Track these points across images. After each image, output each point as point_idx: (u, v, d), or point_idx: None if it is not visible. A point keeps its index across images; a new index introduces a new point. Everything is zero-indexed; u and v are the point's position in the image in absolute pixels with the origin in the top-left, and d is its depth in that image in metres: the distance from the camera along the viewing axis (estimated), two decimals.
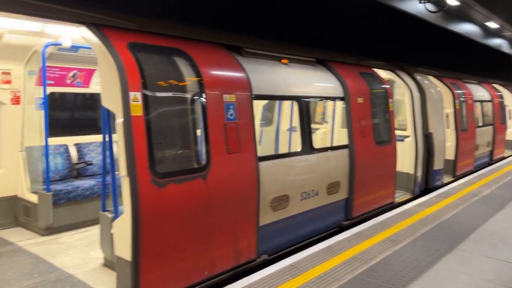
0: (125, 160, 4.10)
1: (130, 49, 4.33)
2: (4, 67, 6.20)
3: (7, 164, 6.49)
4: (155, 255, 4.33)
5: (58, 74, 6.96)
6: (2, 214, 6.54)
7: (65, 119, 7.86)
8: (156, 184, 4.27)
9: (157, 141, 4.38)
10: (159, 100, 4.51)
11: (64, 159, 7.06)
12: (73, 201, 6.50)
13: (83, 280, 4.87)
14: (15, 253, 5.60)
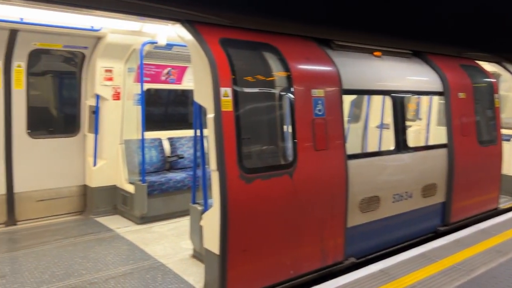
0: (215, 155, 4.14)
1: (222, 44, 4.36)
2: (107, 65, 6.67)
3: (108, 156, 6.98)
4: (242, 250, 4.33)
5: (154, 71, 7.33)
6: (104, 202, 7.06)
7: (160, 114, 8.28)
8: (244, 179, 4.26)
9: (246, 137, 4.37)
10: (248, 95, 4.49)
11: (158, 152, 7.43)
12: (165, 192, 6.81)
13: (173, 269, 5.05)
14: (113, 239, 6.00)
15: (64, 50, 6.55)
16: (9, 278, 4.70)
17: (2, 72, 6.06)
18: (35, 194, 6.65)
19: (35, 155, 6.56)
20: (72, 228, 6.41)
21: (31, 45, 6.14)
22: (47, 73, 6.89)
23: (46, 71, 6.86)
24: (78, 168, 7.06)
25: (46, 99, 7.01)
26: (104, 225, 6.56)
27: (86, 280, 4.70)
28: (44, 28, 5.88)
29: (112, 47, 6.51)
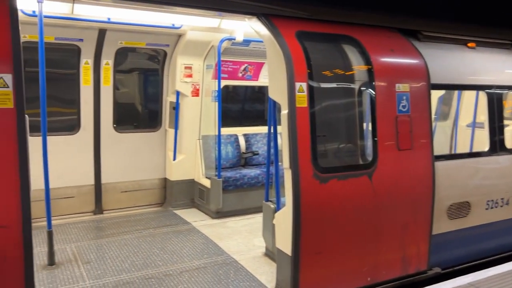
0: (288, 152, 4.00)
1: (298, 38, 4.19)
2: (187, 62, 6.82)
3: (187, 151, 7.16)
4: (315, 252, 4.15)
5: (231, 68, 7.37)
6: (182, 195, 7.27)
7: (236, 111, 8.33)
8: (318, 178, 4.07)
9: (321, 134, 4.16)
10: (325, 90, 4.28)
11: (234, 148, 7.47)
12: (240, 188, 6.82)
13: (245, 267, 5.01)
14: (190, 232, 6.13)
15: (147, 48, 6.82)
16: (93, 264, 4.99)
17: (92, 69, 6.46)
18: (120, 185, 7.03)
19: (120, 149, 6.92)
20: (152, 219, 6.67)
21: (117, 44, 6.47)
22: (132, 70, 7.24)
23: (131, 69, 7.21)
24: (159, 161, 7.33)
25: (131, 95, 7.37)
26: (182, 218, 6.74)
27: (162, 271, 4.83)
28: (129, 27, 6.16)
29: (191, 44, 6.64)
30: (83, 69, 6.42)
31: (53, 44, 6.07)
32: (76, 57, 6.34)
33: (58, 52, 6.35)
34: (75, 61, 6.38)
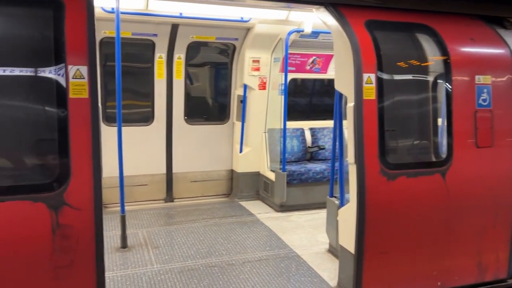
0: (354, 147, 3.86)
1: (367, 27, 4.00)
2: (255, 56, 6.86)
3: (253, 144, 7.23)
4: (380, 252, 3.97)
5: (299, 61, 7.28)
6: (248, 187, 7.36)
7: (303, 104, 8.23)
8: (385, 175, 3.88)
9: (390, 128, 3.96)
10: (396, 82, 4.07)
11: (299, 142, 7.40)
12: (304, 182, 6.74)
13: (307, 262, 4.95)
14: (254, 224, 6.19)
15: (217, 42, 6.95)
16: (161, 249, 5.22)
17: (165, 63, 6.73)
18: (189, 175, 7.28)
19: (190, 140, 7.16)
20: (218, 209, 6.83)
21: (189, 38, 6.67)
22: (202, 64, 7.43)
23: (201, 63, 7.40)
24: (227, 153, 7.48)
25: (201, 89, 7.58)
26: (247, 209, 6.83)
27: (225, 260, 4.93)
28: (200, 21, 6.32)
29: (259, 37, 6.66)
30: (157, 63, 6.71)
31: (130, 39, 6.41)
32: (151, 51, 6.64)
33: (134, 47, 6.70)
34: (150, 55, 6.69)
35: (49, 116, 3.00)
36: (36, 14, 3.08)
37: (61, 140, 2.95)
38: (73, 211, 2.98)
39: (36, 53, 3.03)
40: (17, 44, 3.01)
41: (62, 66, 2.96)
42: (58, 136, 2.95)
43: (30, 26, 3.08)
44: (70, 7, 3.06)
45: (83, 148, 3.00)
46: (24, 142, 3.01)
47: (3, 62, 2.89)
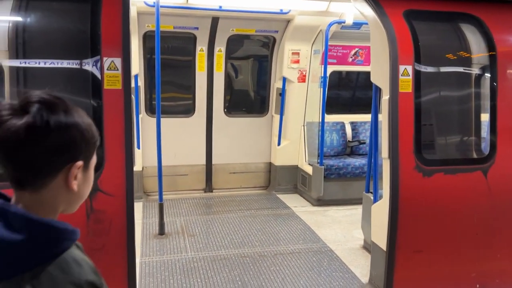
0: (388, 141, 3.74)
1: (406, 17, 3.85)
2: (294, 48, 6.80)
3: (291, 137, 7.20)
4: (414, 250, 3.85)
5: (341, 53, 7.14)
6: (285, 180, 7.35)
7: (345, 97, 8.07)
8: (421, 171, 3.74)
9: (427, 123, 3.81)
10: (434, 75, 3.89)
11: (339, 136, 7.27)
12: (343, 177, 6.63)
13: (340, 257, 4.89)
14: (289, 217, 6.18)
15: (257, 34, 6.96)
16: (197, 237, 5.35)
17: (206, 56, 6.84)
18: (228, 167, 7.39)
19: (229, 132, 7.25)
20: (255, 201, 6.88)
21: (229, 31, 6.73)
22: (242, 57, 7.49)
23: (241, 55, 7.46)
24: (265, 146, 7.51)
25: (240, 81, 7.64)
26: (283, 202, 6.83)
27: (257, 251, 4.97)
28: (240, 14, 6.35)
29: (299, 29, 6.60)
30: (198, 56, 6.83)
31: (172, 32, 6.57)
32: (193, 44, 6.77)
33: (177, 40, 6.87)
34: (191, 48, 6.82)
35: (85, 106, 3.15)
36: (75, 8, 3.23)
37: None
38: (106, 197, 3.12)
39: (74, 45, 3.19)
40: (57, 38, 3.18)
41: (98, 58, 3.09)
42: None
43: (70, 20, 3.24)
44: (107, 1, 3.19)
45: (116, 137, 3.13)
46: None
47: (43, 54, 3.07)
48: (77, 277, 1.06)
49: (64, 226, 1.09)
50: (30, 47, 3.12)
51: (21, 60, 3.06)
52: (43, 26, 3.22)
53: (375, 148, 4.43)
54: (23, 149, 1.03)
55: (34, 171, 1.07)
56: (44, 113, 1.04)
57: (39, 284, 1.00)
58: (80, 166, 1.13)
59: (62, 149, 1.08)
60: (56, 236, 1.06)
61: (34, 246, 1.02)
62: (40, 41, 3.15)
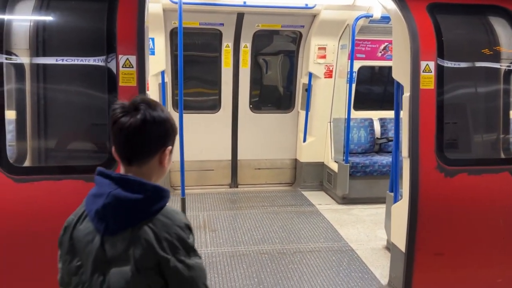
0: (408, 140, 3.62)
1: (430, 11, 3.70)
2: (321, 43, 6.69)
3: (317, 133, 7.10)
4: (435, 253, 3.71)
5: (369, 48, 6.96)
6: (311, 177, 7.28)
7: (374, 93, 7.87)
8: (443, 171, 3.59)
9: (450, 121, 3.65)
10: (459, 71, 3.72)
11: (367, 133, 7.11)
12: (369, 175, 6.48)
13: (361, 257, 4.79)
14: (312, 214, 6.12)
15: (283, 30, 6.90)
16: (218, 233, 5.40)
17: (232, 52, 6.85)
18: (254, 163, 7.39)
19: (255, 128, 7.24)
20: (279, 197, 6.86)
21: (254, 27, 6.70)
22: (268, 52, 7.44)
23: (267, 51, 7.41)
24: (291, 142, 7.45)
25: (266, 77, 7.60)
26: (308, 199, 6.76)
27: (277, 249, 4.96)
28: (265, 9, 6.32)
29: (325, 24, 6.48)
30: (224, 52, 6.85)
31: (198, 29, 6.63)
32: (218, 41, 6.80)
33: (203, 37, 6.92)
34: (217, 44, 6.85)
35: (102, 102, 3.23)
36: (93, 7, 3.31)
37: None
38: None
39: (91, 43, 3.27)
40: (75, 36, 3.28)
41: (113, 55, 3.16)
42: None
43: (87, 19, 3.33)
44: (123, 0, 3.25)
45: None
46: (80, 126, 3.29)
47: (61, 52, 3.17)
48: (179, 221, 1.47)
49: (165, 188, 1.50)
50: (49, 46, 3.22)
51: (40, 58, 3.17)
52: (62, 25, 3.33)
53: (396, 146, 4.29)
54: (138, 137, 1.45)
55: (142, 152, 1.49)
56: (149, 111, 1.46)
57: (155, 227, 1.42)
58: (170, 150, 1.55)
59: (161, 137, 1.51)
60: (162, 195, 1.48)
61: (149, 202, 1.44)
62: (58, 40, 3.25)
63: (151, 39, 6.20)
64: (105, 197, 1.43)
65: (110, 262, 1.43)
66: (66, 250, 1.52)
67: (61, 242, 1.55)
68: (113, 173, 1.48)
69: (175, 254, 1.42)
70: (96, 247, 1.44)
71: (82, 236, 1.48)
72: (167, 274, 1.42)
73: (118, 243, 1.42)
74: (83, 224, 1.50)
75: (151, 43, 6.21)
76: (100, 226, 1.44)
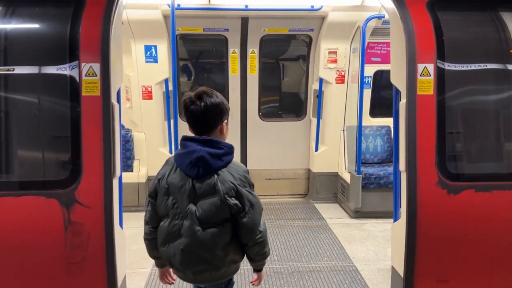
0: (405, 151, 3.22)
1: (429, 8, 3.30)
2: (331, 46, 6.32)
3: (330, 142, 6.72)
4: (438, 280, 3.29)
5: (385, 51, 6.51)
6: (324, 188, 6.89)
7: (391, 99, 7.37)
8: (445, 187, 3.17)
9: (453, 130, 3.22)
10: (462, 74, 3.28)
11: (384, 142, 6.64)
12: (384, 187, 6.01)
13: (365, 278, 4.38)
14: (320, 229, 5.73)
15: (291, 34, 6.58)
16: None
17: (239, 58, 6.61)
18: (264, 173, 7.08)
19: (264, 137, 6.94)
20: (289, 210, 6.52)
21: (261, 32, 6.43)
22: (277, 58, 7.14)
23: (276, 56, 7.12)
24: (304, 152, 7.10)
25: (275, 83, 7.29)
26: (319, 212, 6.38)
27: (274, 267, 4.62)
28: (269, 13, 6.04)
29: (335, 26, 6.11)
30: (231, 58, 6.62)
31: (203, 35, 6.44)
32: (224, 47, 6.58)
33: (208, 43, 6.74)
34: (223, 50, 6.63)
35: (63, 113, 3.06)
36: (58, 12, 3.16)
37: (74, 138, 2.99)
38: (84, 209, 3.00)
39: (55, 50, 3.11)
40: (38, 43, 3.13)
41: (76, 63, 2.98)
42: (71, 133, 3.00)
43: (51, 24, 3.18)
44: (90, 5, 3.09)
45: (95, 147, 3.00)
46: (40, 139, 3.13)
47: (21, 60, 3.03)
48: (242, 168, 2.28)
49: (232, 145, 2.31)
50: (11, 54, 3.09)
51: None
52: (25, 33, 3.20)
53: (395, 159, 3.86)
54: (203, 117, 2.23)
55: (207, 127, 2.27)
56: (208, 98, 2.23)
57: (231, 171, 2.21)
58: (226, 122, 2.35)
59: (218, 115, 2.28)
60: (232, 150, 2.29)
61: (226, 154, 2.22)
62: (20, 48, 3.12)
63: (153, 47, 6.08)
64: (198, 152, 2.20)
65: (199, 196, 2.22)
66: (164, 193, 2.28)
67: (155, 189, 2.32)
68: (199, 137, 2.26)
69: (244, 186, 2.24)
70: (189, 188, 2.22)
71: (176, 182, 2.25)
72: (241, 198, 2.22)
73: (204, 184, 2.21)
74: (175, 174, 2.27)
75: (154, 50, 6.09)
76: (192, 172, 2.21)
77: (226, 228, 2.26)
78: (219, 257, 2.27)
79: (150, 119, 6.35)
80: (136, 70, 6.13)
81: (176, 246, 2.27)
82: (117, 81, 3.24)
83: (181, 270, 2.33)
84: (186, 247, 2.24)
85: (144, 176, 6.36)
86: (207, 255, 2.25)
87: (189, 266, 2.29)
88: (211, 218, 2.21)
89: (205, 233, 2.22)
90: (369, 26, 5.81)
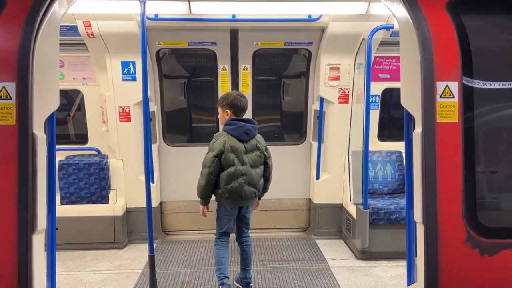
0: (421, 197, 2.43)
1: (451, 11, 2.53)
2: (332, 62, 5.57)
3: (332, 169, 5.94)
4: None
5: (394, 66, 5.78)
6: (327, 222, 6.09)
7: (403, 121, 6.56)
8: (476, 246, 2.36)
9: (486, 169, 2.43)
10: (497, 95, 2.50)
11: (395, 169, 5.83)
12: (395, 224, 5.18)
13: None
14: (320, 274, 4.89)
15: (287, 48, 5.83)
16: None
17: (230, 75, 5.89)
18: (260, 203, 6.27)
19: None
20: (286, 248, 5.70)
21: (253, 45, 5.72)
22: (272, 74, 6.37)
23: (271, 73, 6.36)
24: (304, 180, 6.32)
25: (271, 103, 6.51)
26: (320, 252, 5.54)
27: None
28: (261, 24, 5.34)
29: (336, 39, 5.37)
30: (221, 76, 5.91)
31: (188, 49, 5.76)
32: (213, 62, 5.87)
33: (194, 58, 6.05)
34: (212, 66, 5.92)
35: None
36: None
37: None
38: None
39: None
40: None
41: None
42: None
43: None
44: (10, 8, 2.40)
45: (5, 192, 2.26)
46: None
47: None
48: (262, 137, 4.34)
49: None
50: None
51: None
52: None
53: (408, 202, 3.03)
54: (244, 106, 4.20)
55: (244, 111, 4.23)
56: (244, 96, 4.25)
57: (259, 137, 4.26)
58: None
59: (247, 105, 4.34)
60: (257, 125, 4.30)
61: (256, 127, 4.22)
62: None
63: (131, 63, 5.41)
64: (246, 126, 4.04)
65: (247, 152, 4.04)
66: (229, 151, 3.94)
67: (222, 150, 3.95)
68: (242, 118, 4.15)
69: (266, 148, 4.24)
70: (242, 147, 4.00)
71: (234, 144, 3.96)
72: (267, 151, 4.23)
73: (250, 144, 4.06)
74: (231, 140, 3.97)
75: (132, 67, 5.41)
76: (245, 138, 4.02)
77: (262, 169, 4.19)
78: (260, 185, 4.18)
79: (129, 144, 5.64)
80: (112, 89, 5.45)
81: (240, 182, 3.98)
82: (46, 106, 2.52)
83: (237, 198, 4.06)
84: (246, 181, 4.01)
85: (121, 208, 5.61)
86: (257, 184, 4.11)
87: (246, 193, 4.04)
88: (257, 163, 4.10)
89: (255, 172, 4.09)
90: (376, 38, 5.08)
